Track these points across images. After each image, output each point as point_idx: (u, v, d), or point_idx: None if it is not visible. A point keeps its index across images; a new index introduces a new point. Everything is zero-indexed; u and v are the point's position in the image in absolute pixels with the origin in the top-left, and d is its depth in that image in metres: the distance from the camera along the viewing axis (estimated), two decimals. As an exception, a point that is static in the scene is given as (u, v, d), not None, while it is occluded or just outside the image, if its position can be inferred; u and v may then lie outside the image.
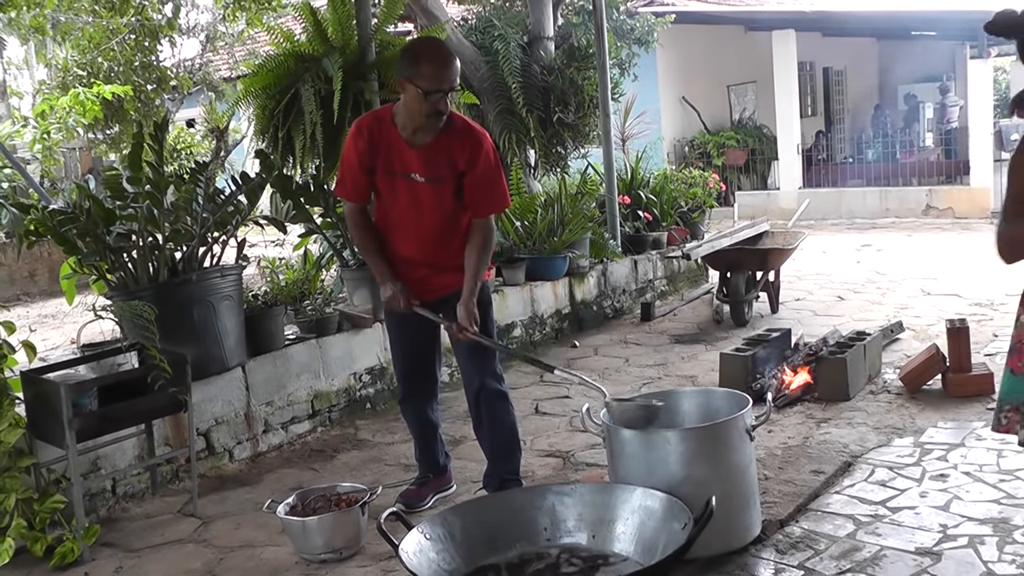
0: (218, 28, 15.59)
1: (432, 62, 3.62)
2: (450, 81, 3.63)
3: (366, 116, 3.99)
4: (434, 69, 3.60)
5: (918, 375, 5.26)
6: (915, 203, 14.22)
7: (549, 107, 8.98)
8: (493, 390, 3.99)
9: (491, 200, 3.88)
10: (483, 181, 3.81)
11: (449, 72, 3.63)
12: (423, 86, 3.58)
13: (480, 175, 3.80)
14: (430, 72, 3.59)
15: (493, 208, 3.92)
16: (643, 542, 3.17)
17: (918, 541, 3.46)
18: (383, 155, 3.79)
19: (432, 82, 3.59)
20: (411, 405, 4.18)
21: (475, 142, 3.79)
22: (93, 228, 4.51)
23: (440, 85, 3.60)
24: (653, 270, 8.73)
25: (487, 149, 3.82)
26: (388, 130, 3.78)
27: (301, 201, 5.81)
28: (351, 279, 5.93)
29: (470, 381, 4.04)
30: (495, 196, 3.89)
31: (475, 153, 3.78)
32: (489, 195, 3.86)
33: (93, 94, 9.80)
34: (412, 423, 4.25)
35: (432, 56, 3.66)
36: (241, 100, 6.48)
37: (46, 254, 12.29)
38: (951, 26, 15.73)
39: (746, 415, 3.46)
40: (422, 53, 3.69)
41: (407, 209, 3.85)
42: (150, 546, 4.02)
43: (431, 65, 3.61)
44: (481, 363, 3.97)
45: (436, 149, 3.76)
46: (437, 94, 3.60)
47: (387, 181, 3.83)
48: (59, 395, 3.81)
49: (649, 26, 12.95)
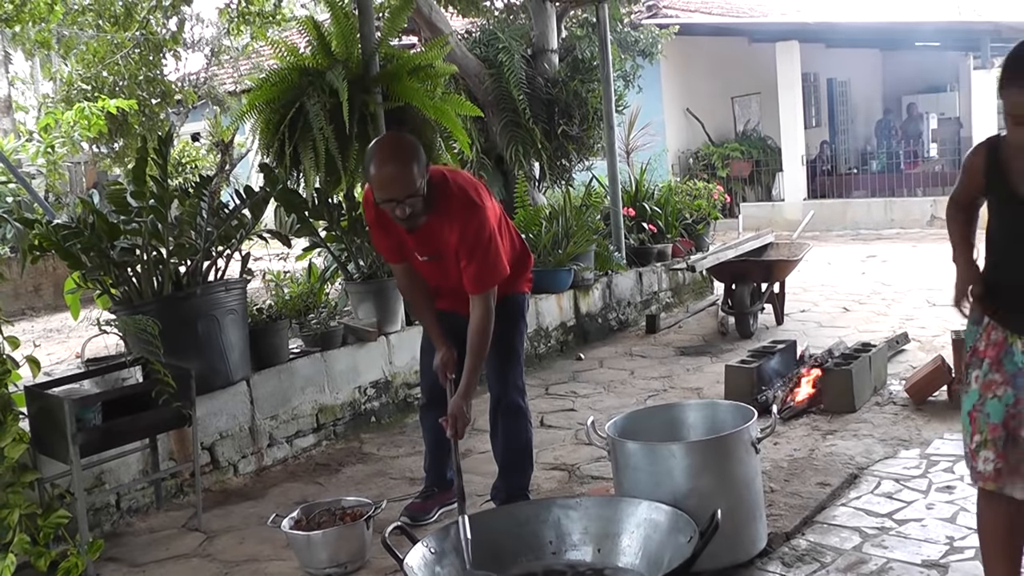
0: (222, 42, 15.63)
1: (378, 169, 3.45)
2: (399, 190, 3.42)
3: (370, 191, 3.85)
4: (379, 178, 3.45)
5: (924, 386, 5.24)
6: (920, 213, 14.21)
7: (553, 119, 8.99)
8: (513, 404, 4.00)
9: (480, 279, 3.66)
10: (471, 259, 3.63)
11: (395, 183, 3.42)
12: (375, 196, 3.51)
13: (468, 252, 3.63)
14: (376, 181, 3.47)
15: (483, 286, 3.67)
16: (648, 555, 3.16)
17: (925, 554, 3.44)
18: (391, 229, 3.74)
19: (379, 192, 3.47)
20: (431, 412, 4.13)
21: (463, 220, 3.61)
22: (97, 242, 4.52)
23: (387, 195, 3.44)
24: (658, 282, 8.72)
25: (476, 226, 3.61)
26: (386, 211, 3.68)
27: (305, 215, 5.81)
28: (356, 293, 5.93)
29: (493, 391, 4.06)
30: (484, 273, 3.65)
31: (464, 230, 3.62)
32: (478, 273, 3.65)
33: (98, 108, 9.83)
34: (427, 432, 4.22)
35: (378, 162, 3.46)
36: (246, 114, 6.49)
37: (51, 268, 12.30)
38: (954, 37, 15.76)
39: (752, 427, 3.45)
40: (372, 157, 3.49)
41: (428, 276, 3.90)
42: (155, 561, 4.01)
43: (377, 173, 3.45)
44: (506, 376, 3.98)
45: (428, 232, 3.67)
46: (389, 203, 3.45)
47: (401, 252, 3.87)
48: (63, 410, 3.80)
49: (653, 38, 12.99)
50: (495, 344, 3.81)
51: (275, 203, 5.78)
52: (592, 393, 6.14)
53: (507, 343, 3.95)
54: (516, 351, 4.02)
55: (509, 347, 3.97)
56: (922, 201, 14.46)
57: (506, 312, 3.88)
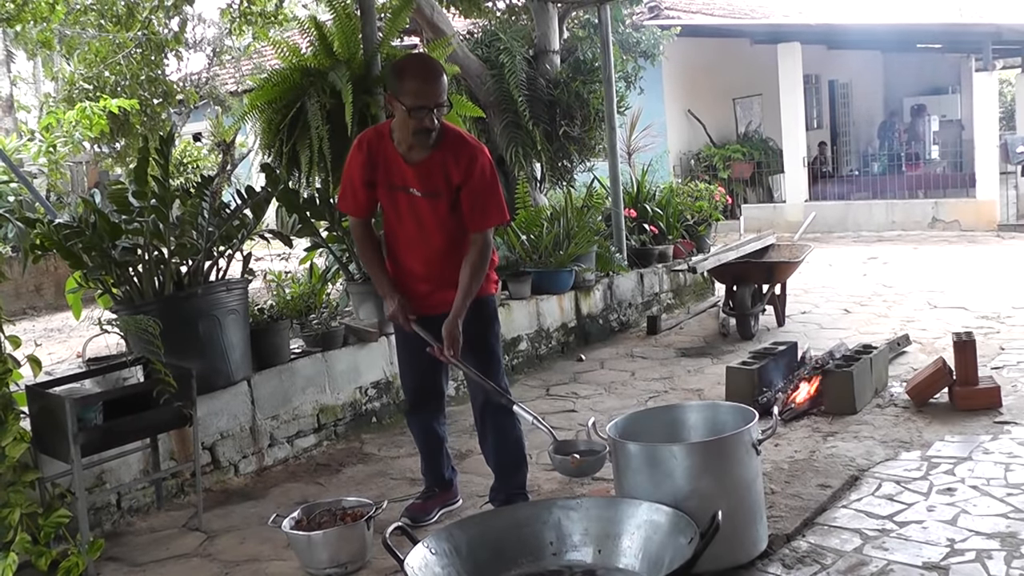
0: (224, 42, 15.66)
1: (415, 77, 3.61)
2: (434, 97, 3.59)
3: (368, 130, 4.00)
4: (416, 84, 3.58)
5: (925, 388, 5.24)
6: (921, 215, 14.22)
7: (555, 120, 8.99)
8: (499, 405, 3.98)
9: (486, 214, 3.83)
10: (478, 194, 3.79)
11: (432, 88, 3.59)
12: (407, 103, 3.58)
13: (475, 188, 3.78)
14: (413, 88, 3.58)
15: (488, 222, 3.85)
16: (649, 557, 3.15)
17: (925, 556, 3.43)
18: (383, 169, 3.80)
19: (415, 98, 3.57)
20: (417, 418, 4.18)
21: (470, 156, 3.78)
22: (99, 242, 4.52)
23: (423, 101, 3.57)
24: (659, 283, 8.72)
25: (482, 163, 3.79)
26: (387, 145, 3.79)
27: (307, 215, 5.81)
28: (357, 293, 5.93)
29: (476, 395, 4.05)
30: (490, 210, 3.83)
31: (470, 167, 3.76)
32: (483, 209, 3.81)
33: (99, 108, 9.82)
34: (418, 436, 4.24)
35: (415, 71, 3.65)
36: (247, 114, 6.49)
37: (52, 268, 12.32)
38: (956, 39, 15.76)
39: (752, 429, 3.45)
40: (406, 69, 3.66)
41: (411, 224, 3.85)
42: (155, 560, 4.01)
43: (414, 80, 3.59)
44: (490, 377, 3.95)
45: (431, 164, 3.76)
46: (421, 111, 3.58)
47: (388, 195, 3.85)
48: (64, 409, 3.81)
49: (655, 39, 12.99)
50: (473, 348, 3.86)
51: (277, 203, 5.78)
52: (593, 394, 6.14)
53: (485, 345, 3.97)
54: (495, 352, 4.04)
55: (488, 349, 3.98)
56: (924, 203, 14.46)
57: (480, 314, 3.91)
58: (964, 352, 5.17)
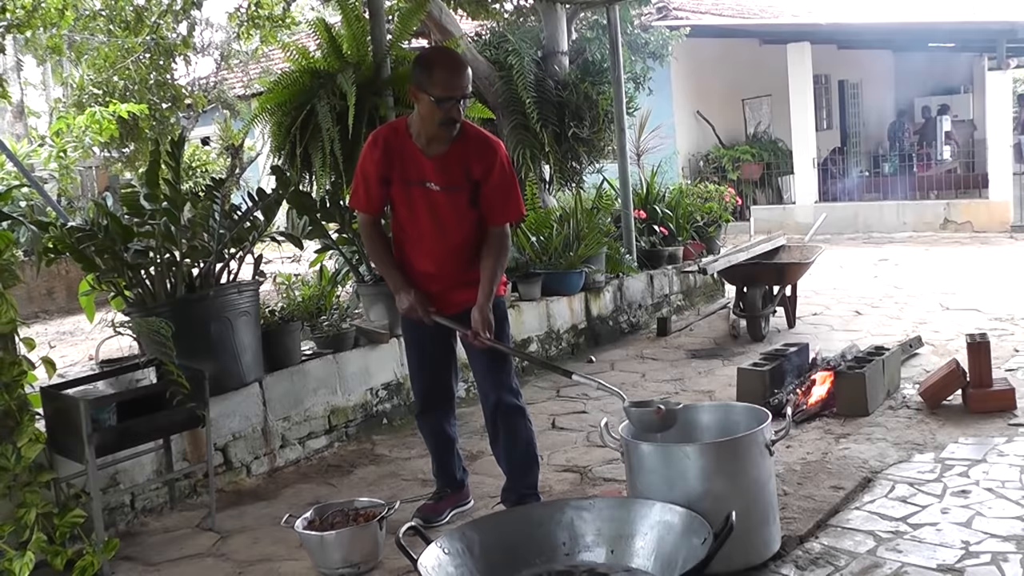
0: (232, 46, 15.70)
1: (444, 68, 3.65)
2: (462, 88, 3.66)
3: (382, 127, 4.02)
4: (446, 75, 3.63)
5: (938, 390, 5.22)
6: (933, 217, 14.14)
7: (564, 122, 8.99)
8: (510, 405, 3.98)
9: (506, 208, 3.89)
10: (498, 189, 3.83)
11: (461, 79, 3.66)
12: (435, 93, 3.61)
13: (496, 183, 3.81)
14: (442, 78, 3.62)
15: (509, 216, 3.92)
16: (662, 557, 3.15)
17: (940, 558, 3.42)
18: (398, 165, 3.80)
19: (444, 89, 3.61)
20: (428, 420, 4.18)
21: (490, 151, 3.81)
22: (111, 245, 4.53)
23: (452, 92, 3.62)
24: (669, 285, 8.71)
25: (502, 157, 3.84)
26: (403, 140, 3.80)
27: (317, 217, 5.83)
28: (367, 295, 5.94)
29: (486, 396, 4.04)
30: (510, 204, 3.90)
31: (490, 162, 3.79)
32: (504, 203, 3.87)
33: (109, 113, 9.87)
34: (429, 438, 4.25)
35: (443, 63, 3.70)
36: (257, 117, 6.51)
37: (64, 272, 12.35)
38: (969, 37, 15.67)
39: (765, 430, 3.44)
40: (434, 61, 3.72)
41: (426, 221, 3.84)
42: (169, 560, 4.03)
43: (443, 71, 3.64)
44: (498, 378, 3.96)
45: (451, 158, 3.78)
46: (449, 101, 3.62)
47: (403, 191, 3.84)
48: (78, 410, 3.82)
49: (664, 40, 12.97)
50: (483, 349, 3.85)
51: (287, 205, 5.79)
52: (603, 395, 6.11)
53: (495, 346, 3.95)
54: (504, 352, 4.03)
55: (497, 350, 3.95)
56: (935, 204, 14.39)
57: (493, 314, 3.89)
58: (978, 354, 5.15)
